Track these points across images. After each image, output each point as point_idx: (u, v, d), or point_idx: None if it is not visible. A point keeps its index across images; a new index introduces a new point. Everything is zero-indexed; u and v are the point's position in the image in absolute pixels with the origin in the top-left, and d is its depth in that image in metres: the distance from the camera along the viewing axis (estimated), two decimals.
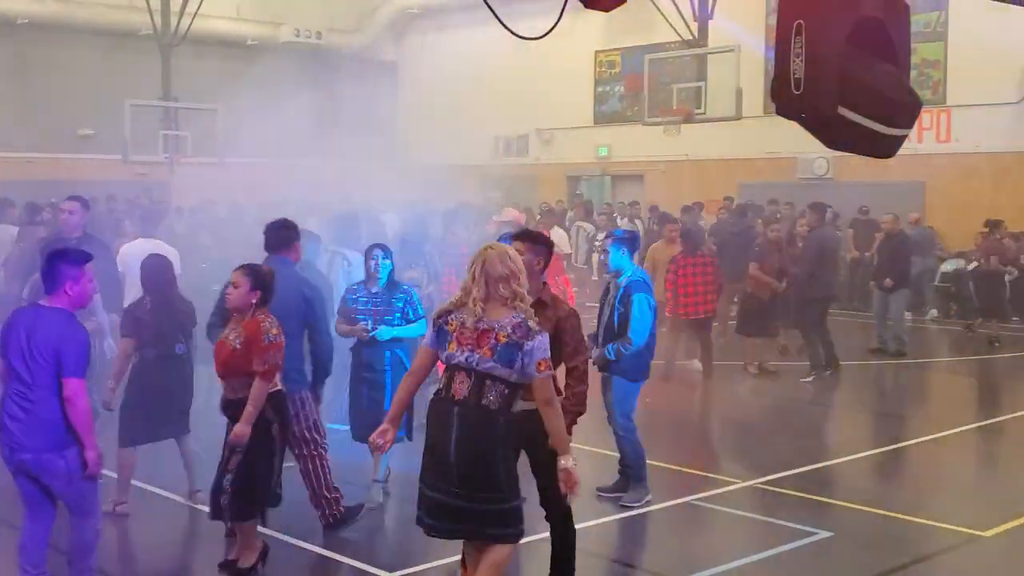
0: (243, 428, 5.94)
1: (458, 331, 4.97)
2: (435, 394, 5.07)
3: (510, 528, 5.03)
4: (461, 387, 4.96)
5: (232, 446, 6.00)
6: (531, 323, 4.97)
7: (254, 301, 6.04)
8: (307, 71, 25.50)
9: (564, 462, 5.01)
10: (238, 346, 5.96)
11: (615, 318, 7.65)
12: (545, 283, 6.08)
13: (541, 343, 4.94)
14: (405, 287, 7.97)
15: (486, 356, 4.90)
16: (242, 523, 6.15)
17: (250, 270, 6.11)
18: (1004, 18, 10.08)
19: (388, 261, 7.80)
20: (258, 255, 7.06)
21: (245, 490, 6.03)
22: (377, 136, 27.76)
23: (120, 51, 25.28)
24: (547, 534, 5.95)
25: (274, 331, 6.03)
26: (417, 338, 7.26)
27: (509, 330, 4.92)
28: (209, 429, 7.25)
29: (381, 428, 5.14)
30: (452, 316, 5.01)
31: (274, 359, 6.02)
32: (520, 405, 5.13)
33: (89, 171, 23.47)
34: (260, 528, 6.33)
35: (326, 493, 7.02)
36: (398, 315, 7.69)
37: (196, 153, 23.32)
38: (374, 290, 7.78)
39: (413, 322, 7.70)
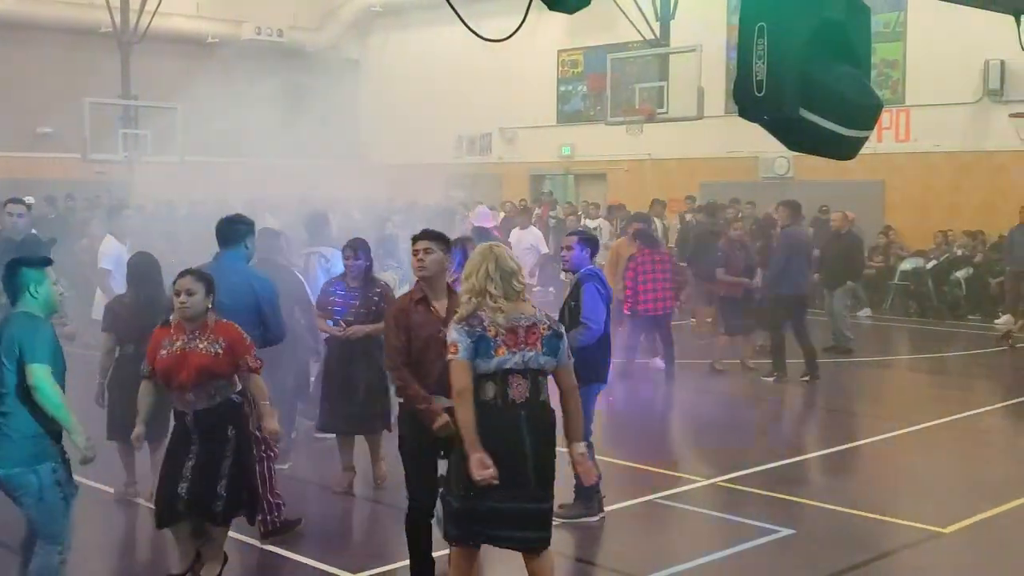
0: (273, 423, 6.12)
1: (499, 335, 5.01)
2: (483, 404, 4.99)
3: (550, 531, 5.20)
4: (520, 390, 5.04)
5: (217, 453, 5.92)
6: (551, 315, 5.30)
7: (209, 305, 5.98)
8: (268, 69, 25.35)
9: (579, 448, 5.20)
10: (220, 351, 5.88)
11: (567, 313, 7.45)
12: (451, 282, 6.17)
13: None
14: (383, 283, 8.07)
15: (539, 351, 5.05)
16: (223, 527, 6.07)
17: (199, 275, 6.01)
18: (962, 18, 10.19)
19: (361, 259, 7.93)
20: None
21: (238, 495, 5.99)
22: (340, 135, 27.64)
23: (79, 49, 25.01)
24: None
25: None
26: None
27: (547, 322, 5.14)
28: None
29: (481, 459, 4.89)
30: (486, 322, 5.02)
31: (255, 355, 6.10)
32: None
33: (48, 170, 23.25)
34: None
35: (270, 497, 6.88)
36: (374, 309, 7.76)
37: (156, 152, 23.11)
38: (352, 284, 7.93)
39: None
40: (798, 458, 9.54)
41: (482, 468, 4.89)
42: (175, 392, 5.95)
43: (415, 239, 5.99)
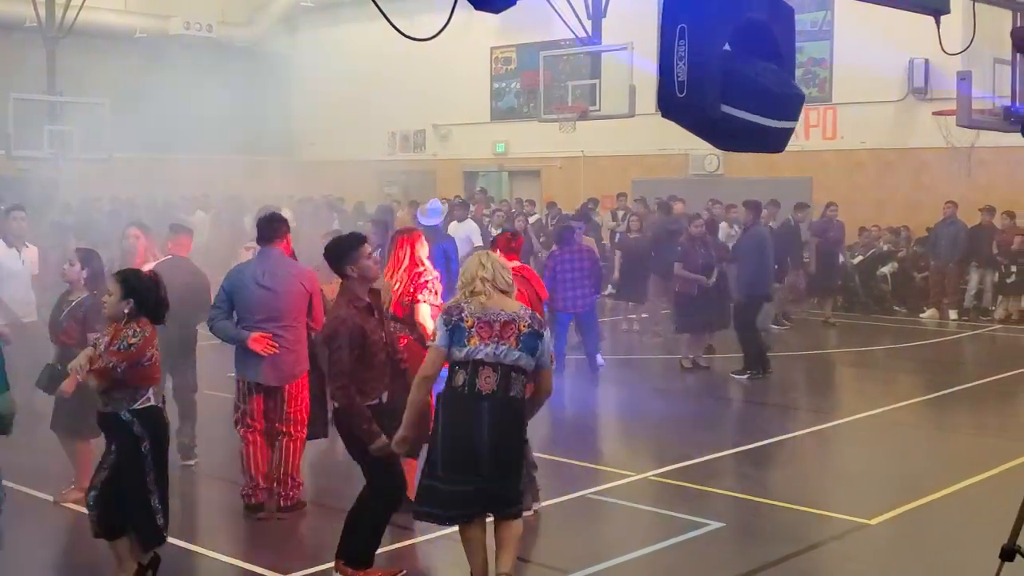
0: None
1: (476, 325, 5.23)
2: (451, 390, 5.29)
3: (523, 503, 5.62)
4: (488, 382, 5.26)
5: (103, 461, 5.80)
6: (537, 314, 5.47)
7: (127, 309, 5.73)
8: (197, 65, 24.99)
9: None
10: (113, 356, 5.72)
11: None
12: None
13: (549, 334, 5.45)
14: None
15: (513, 347, 5.23)
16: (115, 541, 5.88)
17: (122, 277, 5.84)
18: (888, 18, 10.37)
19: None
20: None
21: (109, 510, 5.77)
22: (270, 131, 27.39)
23: (3, 43, 24.48)
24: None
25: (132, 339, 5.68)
26: None
27: (528, 320, 5.33)
28: None
29: (400, 436, 5.40)
30: (465, 312, 5.26)
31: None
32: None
33: None
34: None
35: (293, 476, 7.44)
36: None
37: (84, 149, 22.69)
38: None
39: None
40: (728, 452, 9.66)
41: (377, 441, 5.52)
42: None
43: (365, 241, 6.10)
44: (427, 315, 7.27)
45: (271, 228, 7.50)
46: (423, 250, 7.59)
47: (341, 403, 5.83)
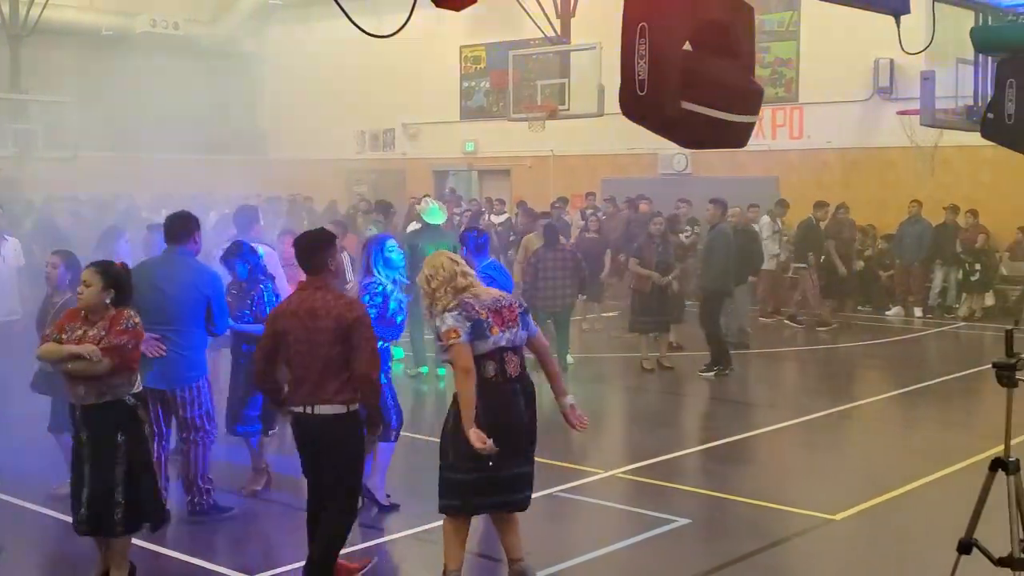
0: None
1: (490, 316, 5.50)
2: (486, 381, 5.47)
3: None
4: (513, 365, 5.57)
5: (107, 459, 5.74)
6: None
7: (108, 300, 5.81)
8: (164, 63, 24.85)
9: (568, 400, 5.89)
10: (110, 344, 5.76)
11: None
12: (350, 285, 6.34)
13: None
14: (263, 284, 7.94)
15: (519, 328, 5.57)
16: (124, 537, 5.91)
17: (101, 268, 5.88)
18: (853, 18, 10.45)
19: (245, 260, 7.89)
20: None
21: (137, 501, 5.82)
22: (238, 130, 27.27)
23: None
24: None
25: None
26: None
27: (517, 301, 5.70)
28: None
29: (478, 434, 5.38)
30: (477, 306, 5.49)
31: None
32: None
33: None
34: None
35: (200, 482, 7.16)
36: (246, 312, 7.72)
37: (48, 147, 22.51)
38: (233, 290, 7.86)
39: (261, 321, 7.69)
40: (695, 449, 9.72)
41: (481, 442, 5.34)
42: (68, 383, 5.81)
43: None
44: None
45: (178, 228, 7.19)
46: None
47: (374, 394, 5.86)
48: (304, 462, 5.88)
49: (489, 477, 5.52)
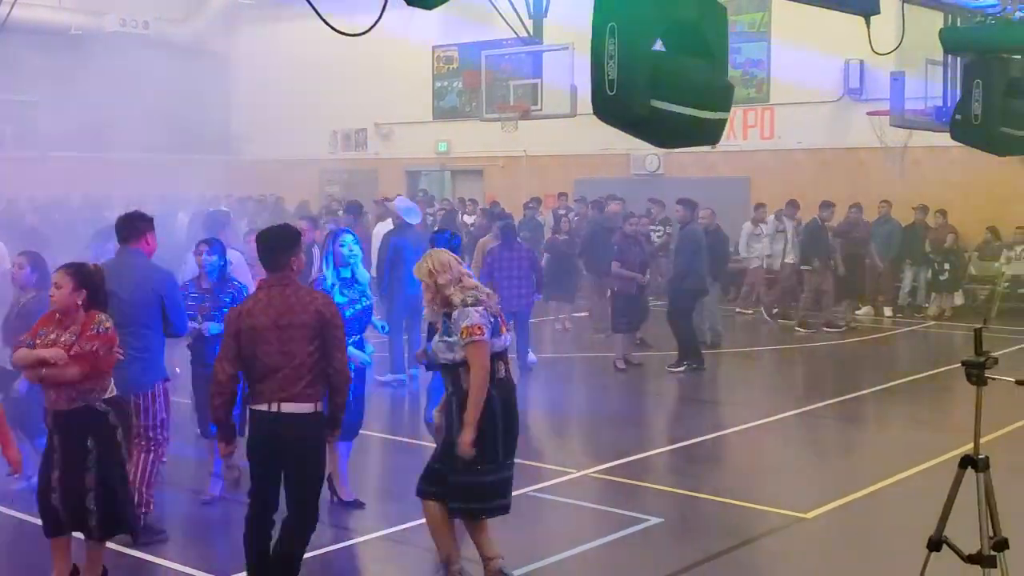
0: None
1: (499, 316, 5.68)
2: (501, 380, 5.60)
3: None
4: (509, 367, 5.77)
5: (78, 465, 5.67)
6: None
7: (80, 301, 5.75)
8: (134, 62, 24.63)
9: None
10: (82, 349, 5.68)
11: None
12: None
13: None
14: (236, 283, 7.87)
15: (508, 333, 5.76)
16: (99, 543, 5.85)
17: (73, 269, 5.83)
18: (824, 19, 10.50)
19: (217, 257, 7.77)
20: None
21: (112, 508, 5.75)
22: (209, 129, 27.09)
23: None
24: None
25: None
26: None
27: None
28: None
29: (470, 436, 5.49)
30: (492, 306, 5.64)
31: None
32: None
33: None
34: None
35: (143, 489, 6.85)
36: (224, 311, 7.59)
37: (16, 147, 22.30)
38: (205, 286, 7.78)
39: None
40: (666, 448, 9.75)
41: (469, 447, 5.49)
42: (43, 388, 5.76)
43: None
44: None
45: (129, 228, 7.04)
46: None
47: (346, 393, 5.80)
48: (258, 463, 5.64)
49: (504, 478, 5.72)
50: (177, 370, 9.40)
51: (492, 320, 5.58)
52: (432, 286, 5.63)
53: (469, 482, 5.65)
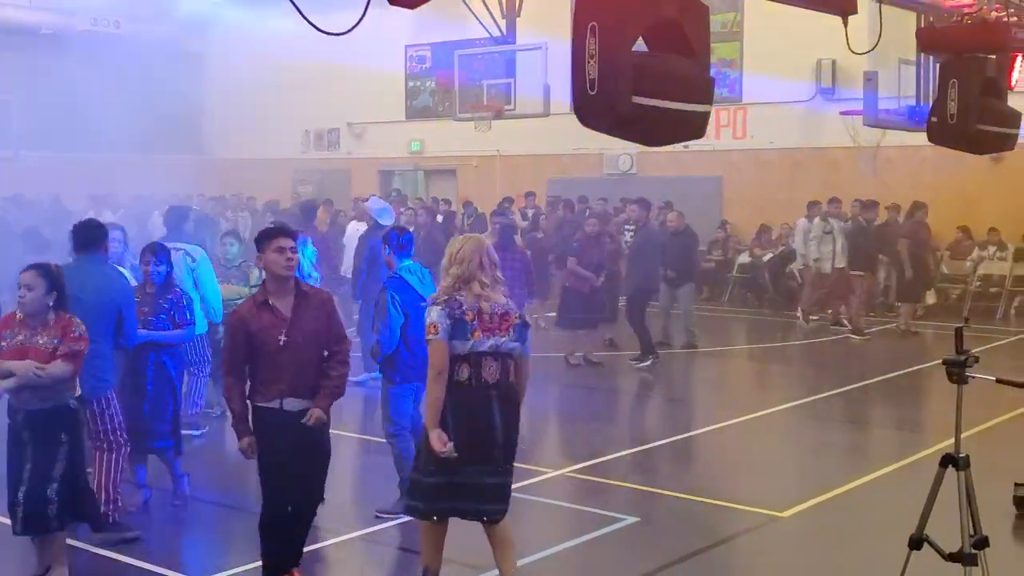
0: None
1: (478, 319, 5.37)
2: (458, 384, 5.37)
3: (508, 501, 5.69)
4: (492, 372, 5.45)
5: (49, 457, 5.72)
6: None
7: (51, 303, 5.80)
8: (106, 62, 24.41)
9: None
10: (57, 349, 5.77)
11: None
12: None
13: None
14: (178, 290, 7.80)
15: (508, 337, 5.43)
16: (60, 533, 5.90)
17: (43, 271, 5.81)
18: (796, 19, 10.52)
19: (164, 267, 7.70)
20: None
21: (71, 495, 5.84)
22: (181, 129, 26.90)
23: None
24: None
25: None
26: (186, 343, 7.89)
27: (519, 312, 5.60)
28: None
29: (439, 435, 5.32)
30: (464, 306, 5.37)
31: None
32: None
33: None
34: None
35: (111, 488, 6.85)
36: (163, 317, 7.53)
37: None
38: (148, 290, 7.65)
39: (180, 327, 7.58)
40: (642, 447, 9.74)
41: (441, 444, 5.29)
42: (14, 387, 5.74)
43: (277, 234, 5.82)
44: None
45: (86, 235, 7.01)
46: None
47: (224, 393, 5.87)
48: (269, 462, 5.69)
49: (451, 482, 5.44)
50: None
51: (460, 320, 5.34)
52: (444, 270, 5.61)
53: (413, 479, 5.70)
